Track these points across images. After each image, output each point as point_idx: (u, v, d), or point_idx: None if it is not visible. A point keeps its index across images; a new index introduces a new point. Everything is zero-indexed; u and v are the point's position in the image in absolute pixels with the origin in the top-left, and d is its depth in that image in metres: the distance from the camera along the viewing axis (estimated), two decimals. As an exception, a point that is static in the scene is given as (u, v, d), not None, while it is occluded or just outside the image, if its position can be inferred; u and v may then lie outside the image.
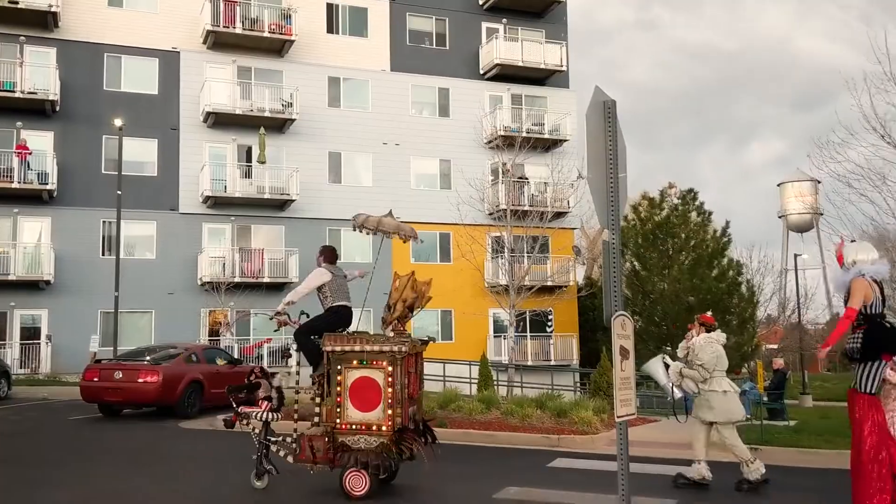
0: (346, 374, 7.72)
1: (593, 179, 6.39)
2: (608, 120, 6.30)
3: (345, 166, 31.69)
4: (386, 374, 7.63)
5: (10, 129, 27.08)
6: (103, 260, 27.43)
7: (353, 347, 7.77)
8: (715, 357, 8.81)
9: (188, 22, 29.71)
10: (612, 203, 6.33)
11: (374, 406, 7.59)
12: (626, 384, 6.89)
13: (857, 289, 6.93)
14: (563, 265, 31.25)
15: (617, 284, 6.66)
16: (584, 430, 13.12)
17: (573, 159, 28.83)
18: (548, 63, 33.85)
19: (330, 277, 8.58)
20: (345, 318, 8.56)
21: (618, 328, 6.69)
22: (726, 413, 8.70)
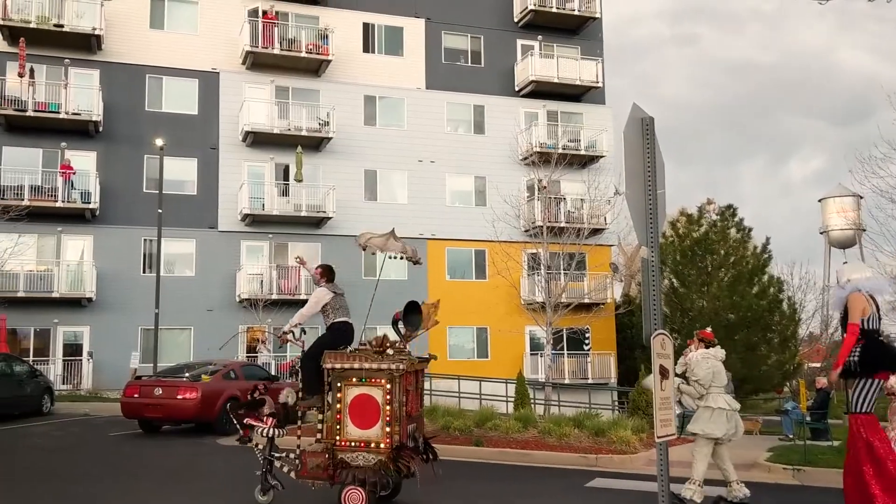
0: (346, 391, 7.77)
1: (631, 196, 6.33)
2: (646, 136, 6.24)
3: (380, 184, 31.86)
4: (384, 391, 7.67)
5: (55, 150, 27.68)
6: (144, 277, 27.83)
7: (352, 365, 7.82)
8: (711, 373, 8.77)
9: (228, 43, 30.21)
10: (651, 220, 6.25)
11: (373, 423, 7.64)
12: (666, 404, 6.78)
13: (854, 304, 6.99)
14: (601, 282, 30.99)
15: (656, 303, 6.57)
16: (622, 450, 12.95)
17: (610, 175, 28.67)
18: (583, 79, 33.77)
19: (331, 296, 8.75)
20: (346, 335, 8.70)
21: (657, 347, 6.59)
22: (707, 429, 8.63)
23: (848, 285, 7.18)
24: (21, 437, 15.34)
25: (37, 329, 27.28)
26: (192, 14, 30.29)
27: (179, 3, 30.18)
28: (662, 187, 6.65)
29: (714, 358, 8.95)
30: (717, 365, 8.90)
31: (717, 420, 8.66)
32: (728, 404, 8.76)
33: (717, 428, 8.66)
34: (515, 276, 27.93)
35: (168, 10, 30.05)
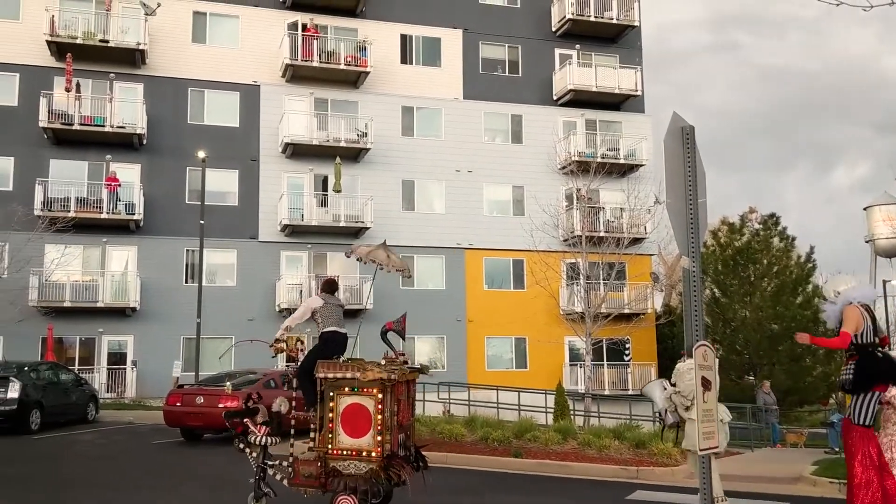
0: (338, 400, 7.88)
1: (672, 206, 6.25)
2: (686, 146, 6.16)
3: (418, 194, 31.96)
4: (376, 401, 7.74)
5: (101, 162, 28.27)
6: (186, 287, 28.23)
7: (344, 375, 7.91)
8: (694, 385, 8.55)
9: (268, 56, 30.60)
10: (692, 230, 6.17)
11: (365, 432, 7.72)
12: (709, 416, 6.68)
13: (849, 316, 7.05)
14: (641, 292, 30.65)
15: (698, 313, 6.48)
16: (664, 462, 12.78)
17: (650, 184, 28.40)
18: (622, 88, 33.55)
19: (321, 304, 8.88)
20: (337, 343, 8.80)
21: (699, 359, 6.49)
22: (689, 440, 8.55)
23: (839, 298, 7.23)
24: (67, 444, 15.63)
25: (82, 338, 27.82)
26: (233, 28, 30.76)
27: (221, 18, 30.68)
28: (704, 196, 6.56)
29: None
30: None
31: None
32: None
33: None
34: (554, 285, 27.78)
35: (210, 25, 30.56)
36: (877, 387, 7.05)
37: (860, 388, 7.05)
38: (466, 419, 16.81)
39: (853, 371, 7.09)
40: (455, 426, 15.19)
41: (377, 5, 31.88)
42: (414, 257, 31.21)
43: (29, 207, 26.02)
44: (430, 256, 31.46)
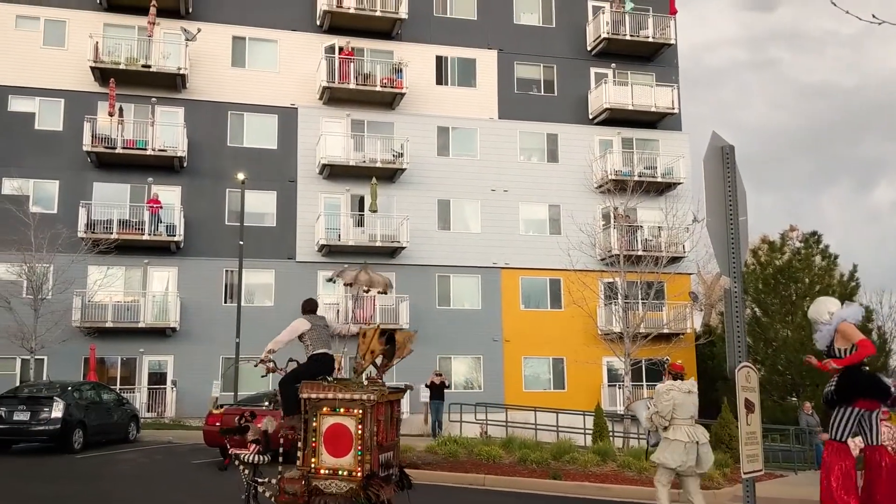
0: (321, 420, 7.99)
1: (712, 225, 6.19)
2: (726, 165, 6.12)
3: (453, 213, 32.01)
4: (357, 421, 7.85)
5: (143, 185, 28.80)
6: (225, 307, 28.53)
7: (326, 395, 8.01)
8: (672, 405, 8.91)
9: (305, 79, 31.01)
10: (733, 249, 6.10)
11: (346, 452, 7.84)
12: (753, 439, 6.56)
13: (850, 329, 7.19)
14: (680, 312, 30.28)
15: (740, 334, 6.39)
16: (705, 485, 12.51)
17: (688, 203, 28.11)
18: (659, 106, 33.38)
19: (308, 327, 9.06)
20: (325, 365, 8.95)
21: (742, 380, 6.40)
22: (661, 458, 8.87)
23: (833, 318, 7.34)
24: (109, 464, 15.82)
25: (123, 358, 28.22)
26: (271, 52, 31.24)
27: (260, 42, 31.18)
28: (745, 215, 6.50)
29: (678, 390, 9.03)
30: (679, 396, 8.99)
31: (673, 451, 8.82)
32: (688, 436, 8.85)
33: (673, 459, 8.80)
34: (592, 305, 27.55)
35: (249, 49, 31.08)
36: (858, 402, 7.07)
37: (843, 401, 7.09)
38: (504, 440, 16.70)
39: (836, 383, 7.16)
40: (493, 448, 15.10)
41: (413, 28, 32.18)
42: (450, 277, 31.28)
43: (73, 230, 26.57)
44: (466, 276, 31.45)
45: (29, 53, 28.81)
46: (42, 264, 24.73)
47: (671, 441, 8.86)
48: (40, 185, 28.25)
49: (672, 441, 8.85)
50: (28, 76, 28.59)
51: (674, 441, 8.85)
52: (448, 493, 12.14)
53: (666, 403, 8.96)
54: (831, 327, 7.34)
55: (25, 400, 17.61)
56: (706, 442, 9.06)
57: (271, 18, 31.20)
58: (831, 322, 7.36)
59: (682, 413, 8.95)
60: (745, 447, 6.35)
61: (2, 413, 17.29)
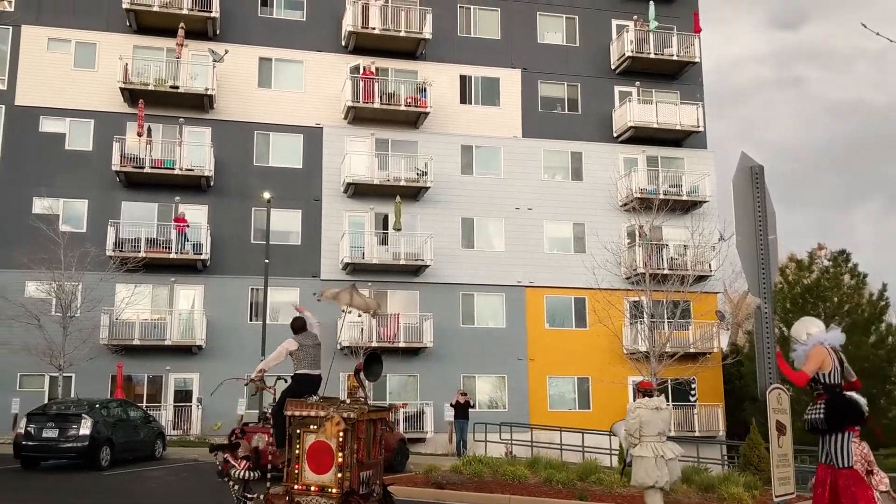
0: (304, 438, 8.25)
1: (742, 245, 6.15)
2: (756, 185, 6.09)
3: (477, 231, 32.01)
4: (337, 439, 8.06)
5: (170, 204, 29.13)
6: (250, 325, 28.69)
7: (309, 413, 8.27)
8: (637, 422, 9.12)
9: (330, 99, 31.29)
10: (763, 269, 6.05)
11: (328, 469, 8.09)
12: (785, 461, 6.48)
13: (813, 355, 7.07)
14: (706, 331, 30.00)
15: (771, 355, 6.32)
16: (734, 508, 12.37)
17: (714, 221, 27.94)
18: (683, 124, 33.26)
19: (296, 347, 9.28)
20: (310, 384, 9.18)
21: (773, 402, 6.33)
22: (634, 478, 9.12)
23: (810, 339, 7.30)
24: (136, 480, 15.91)
25: (150, 376, 28.43)
26: (297, 73, 31.57)
27: (286, 63, 31.53)
28: (773, 233, 6.45)
29: (645, 407, 9.21)
30: (645, 414, 9.17)
31: (646, 468, 9.04)
32: (654, 452, 9.04)
33: (647, 476, 9.01)
34: (617, 324, 27.37)
35: (275, 70, 31.44)
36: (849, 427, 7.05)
37: (836, 428, 6.98)
38: (529, 460, 16.58)
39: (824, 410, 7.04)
40: (518, 468, 15.00)
41: (437, 48, 32.39)
42: (474, 295, 31.24)
43: (101, 248, 26.90)
44: (490, 294, 31.41)
45: (60, 75, 29.35)
46: (71, 282, 25.03)
47: (641, 458, 9.06)
48: (70, 204, 28.67)
49: (642, 458, 9.06)
50: (59, 97, 29.11)
51: (643, 458, 9.05)
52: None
53: (632, 421, 9.15)
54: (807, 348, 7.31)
55: (54, 417, 17.77)
56: (674, 457, 9.22)
57: (297, 40, 31.56)
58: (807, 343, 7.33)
59: (650, 430, 9.14)
60: (777, 469, 6.27)
61: (31, 430, 17.45)
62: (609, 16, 34.74)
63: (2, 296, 25.89)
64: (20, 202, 27.84)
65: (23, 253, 25.09)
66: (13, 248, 26.23)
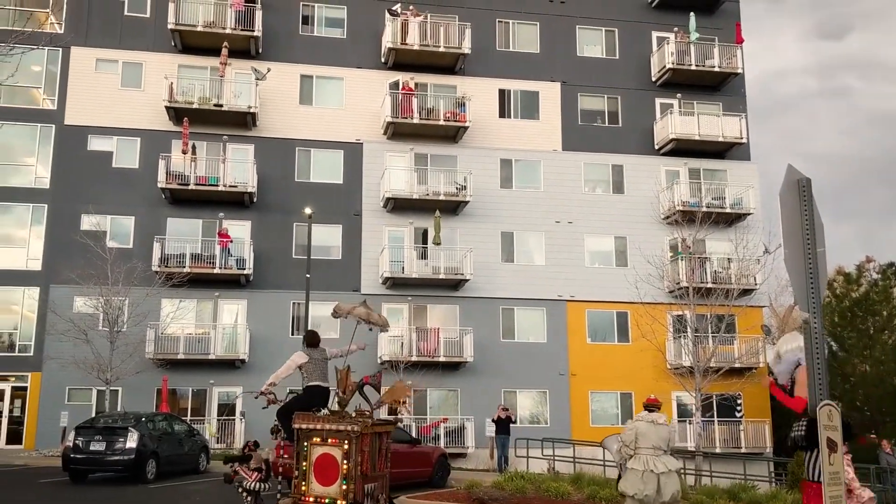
0: (312, 449, 8.48)
1: (790, 259, 6.04)
2: (803, 198, 5.98)
3: (517, 245, 31.92)
4: (343, 451, 8.27)
5: (214, 220, 29.56)
6: (292, 339, 28.88)
7: (316, 426, 8.53)
8: (633, 434, 9.33)
9: (370, 115, 31.54)
10: (812, 283, 5.93)
11: (333, 481, 8.29)
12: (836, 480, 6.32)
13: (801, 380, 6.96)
14: (752, 346, 29.47)
15: (821, 371, 6.18)
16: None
17: (758, 234, 27.48)
18: (726, 136, 32.87)
19: (306, 360, 9.65)
20: (319, 397, 9.52)
21: (824, 419, 6.18)
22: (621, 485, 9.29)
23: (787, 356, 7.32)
24: (182, 494, 16.09)
25: (194, 389, 28.77)
26: (337, 89, 31.91)
27: (326, 80, 31.89)
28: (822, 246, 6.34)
29: (643, 420, 9.44)
30: (642, 427, 9.38)
31: (632, 479, 9.16)
32: (645, 465, 9.13)
33: (632, 487, 9.13)
34: (661, 339, 27.04)
35: (316, 87, 31.81)
36: None
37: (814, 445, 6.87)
38: (573, 476, 16.39)
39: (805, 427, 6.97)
40: (561, 484, 14.82)
41: (475, 62, 32.49)
42: (514, 309, 31.12)
43: (147, 264, 27.38)
44: (531, 309, 31.25)
45: (108, 95, 30.05)
46: (118, 297, 25.49)
47: (629, 470, 9.25)
48: (117, 220, 29.24)
49: (630, 470, 9.22)
50: (107, 117, 29.79)
51: (631, 470, 9.22)
52: (516, 530, 11.94)
53: (628, 433, 9.39)
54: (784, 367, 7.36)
55: (101, 430, 18.05)
56: (668, 471, 9.18)
57: (337, 57, 31.91)
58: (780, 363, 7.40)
59: (644, 443, 9.29)
60: (829, 488, 6.11)
61: (79, 443, 17.76)
62: (649, 28, 34.55)
63: (52, 311, 26.55)
64: (69, 219, 28.49)
65: (72, 269, 25.63)
66: (62, 264, 26.83)
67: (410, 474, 17.84)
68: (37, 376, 27.72)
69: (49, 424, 26.80)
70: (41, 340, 27.61)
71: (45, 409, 27.30)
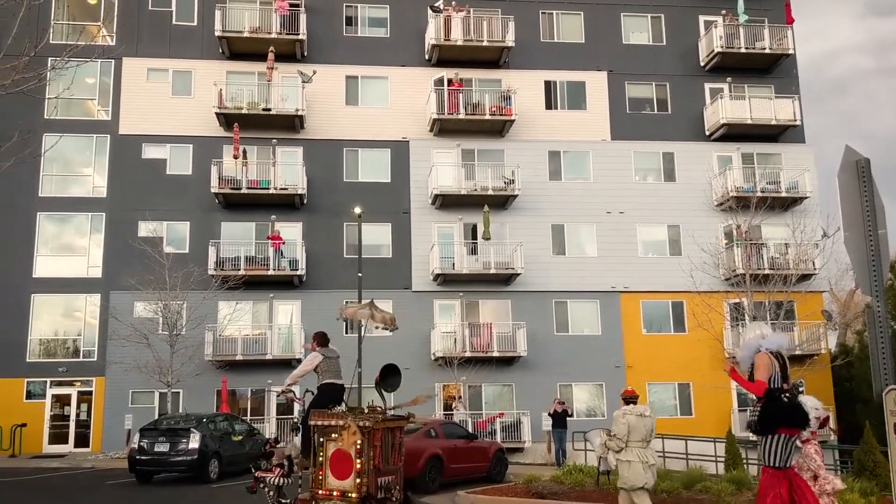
0: (327, 446, 8.82)
1: (851, 241, 5.88)
2: (862, 179, 5.81)
3: (568, 238, 31.67)
4: (356, 446, 8.60)
5: (266, 222, 29.98)
6: (346, 338, 29.09)
7: (330, 422, 8.86)
8: (626, 428, 9.63)
9: (416, 112, 31.62)
10: (874, 266, 5.76)
11: (348, 475, 8.63)
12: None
13: (760, 364, 7.38)
14: (813, 332, 28.77)
15: (886, 355, 6.01)
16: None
17: (816, 217, 26.80)
18: (779, 119, 32.13)
19: (321, 359, 10.17)
20: (333, 394, 9.96)
21: (890, 404, 6.01)
22: (624, 479, 9.58)
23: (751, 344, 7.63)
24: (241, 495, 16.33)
25: (253, 389, 29.24)
26: (383, 89, 32.07)
27: (372, 80, 32.07)
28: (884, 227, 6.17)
29: (632, 413, 9.74)
30: (633, 420, 9.70)
31: (635, 471, 9.55)
32: (640, 457, 9.58)
33: (637, 478, 9.53)
34: (718, 327, 26.52)
35: (362, 87, 32.02)
36: (782, 430, 7.31)
37: (765, 430, 7.38)
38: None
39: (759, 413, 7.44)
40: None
41: (520, 55, 32.32)
42: (567, 302, 30.91)
43: (204, 268, 27.90)
44: (584, 301, 31.00)
45: (160, 103, 30.68)
46: (176, 301, 26.06)
47: (630, 462, 9.59)
48: (173, 226, 29.86)
49: (629, 462, 9.59)
50: (159, 125, 30.42)
51: (631, 462, 9.59)
52: (575, 523, 11.87)
53: (622, 426, 9.67)
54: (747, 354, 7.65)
55: (165, 432, 18.49)
56: (654, 463, 9.77)
57: (382, 56, 32.07)
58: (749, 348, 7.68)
59: (635, 436, 9.68)
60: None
61: (144, 444, 18.22)
62: (696, 12, 33.96)
63: (113, 316, 27.25)
64: (127, 226, 29.18)
65: (131, 275, 26.30)
66: (122, 271, 27.53)
67: (468, 469, 17.87)
68: (101, 380, 28.48)
69: (114, 427, 27.55)
70: (104, 345, 28.36)
71: (109, 413, 28.04)
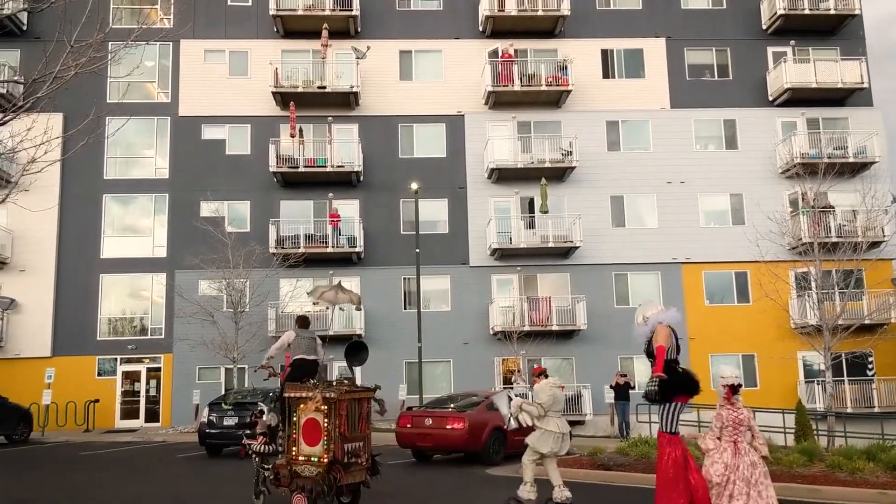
0: (300, 415, 9.69)
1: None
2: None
3: (628, 209, 31.20)
4: (323, 415, 9.46)
5: (324, 201, 30.21)
6: (405, 314, 29.34)
7: (301, 394, 9.79)
8: (552, 399, 10.55)
9: (471, 86, 31.40)
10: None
11: (318, 442, 9.51)
12: None
13: (661, 332, 8.30)
14: (883, 301, 27.90)
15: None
16: None
17: (885, 183, 25.90)
18: (846, 82, 31.02)
19: (294, 336, 11.11)
20: (304, 369, 10.82)
21: None
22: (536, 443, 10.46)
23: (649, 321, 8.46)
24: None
25: (315, 365, 29.59)
26: (436, 63, 31.89)
27: (425, 54, 31.92)
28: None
29: (555, 386, 10.73)
30: (557, 392, 10.69)
31: (545, 440, 10.41)
32: (558, 428, 10.45)
33: (544, 446, 10.41)
34: (784, 297, 25.92)
35: (415, 62, 31.90)
36: (677, 398, 8.23)
37: (665, 399, 8.16)
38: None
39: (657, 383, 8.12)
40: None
41: (576, 24, 31.80)
42: (627, 275, 30.57)
43: (265, 246, 28.30)
44: (645, 273, 30.59)
45: (217, 84, 31.07)
46: (239, 280, 26.53)
47: (546, 431, 10.41)
48: (233, 206, 30.30)
49: (547, 431, 10.40)
50: (217, 105, 30.82)
51: (547, 431, 10.41)
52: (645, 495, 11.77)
53: (549, 397, 10.49)
54: (646, 329, 8.45)
55: (233, 406, 18.91)
56: (568, 431, 10.60)
57: (435, 29, 31.88)
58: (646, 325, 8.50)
59: (556, 406, 10.59)
60: None
61: (213, 419, 18.67)
62: (757, -27, 32.90)
63: (178, 294, 27.88)
64: (189, 206, 29.72)
65: (194, 254, 26.85)
66: (186, 250, 28.10)
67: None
68: (168, 357, 29.21)
69: (182, 402, 28.29)
70: (171, 323, 29.03)
71: (177, 388, 28.78)
